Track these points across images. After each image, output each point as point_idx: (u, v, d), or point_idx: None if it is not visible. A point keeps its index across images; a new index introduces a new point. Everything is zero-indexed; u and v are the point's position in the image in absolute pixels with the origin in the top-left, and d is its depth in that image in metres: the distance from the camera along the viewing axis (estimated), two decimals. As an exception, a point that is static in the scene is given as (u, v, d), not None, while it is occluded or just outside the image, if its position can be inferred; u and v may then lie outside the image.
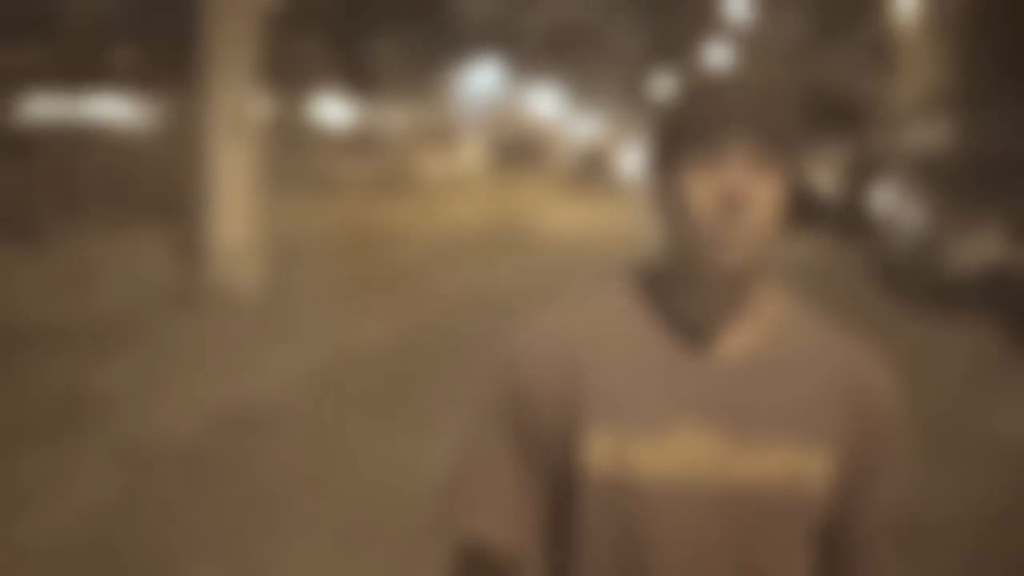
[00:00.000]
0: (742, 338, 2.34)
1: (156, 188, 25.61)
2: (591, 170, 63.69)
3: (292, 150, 32.13)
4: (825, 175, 33.79)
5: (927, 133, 40.41)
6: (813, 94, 61.74)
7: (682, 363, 2.32)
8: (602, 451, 2.29)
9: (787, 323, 2.38)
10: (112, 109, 33.96)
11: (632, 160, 69.42)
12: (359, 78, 51.77)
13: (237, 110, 17.59)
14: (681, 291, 2.33)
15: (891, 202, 21.77)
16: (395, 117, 56.03)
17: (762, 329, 2.35)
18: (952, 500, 7.99)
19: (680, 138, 2.25)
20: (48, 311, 15.44)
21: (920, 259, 18.16)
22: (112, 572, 7.06)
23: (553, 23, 69.68)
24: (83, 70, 32.37)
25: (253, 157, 17.93)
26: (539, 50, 71.07)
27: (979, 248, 16.77)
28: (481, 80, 74.00)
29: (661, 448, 2.28)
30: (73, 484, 8.74)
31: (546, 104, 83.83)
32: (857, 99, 54.56)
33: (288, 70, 26.94)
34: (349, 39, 50.06)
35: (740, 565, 2.29)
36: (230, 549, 7.45)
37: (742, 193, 2.19)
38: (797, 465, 2.29)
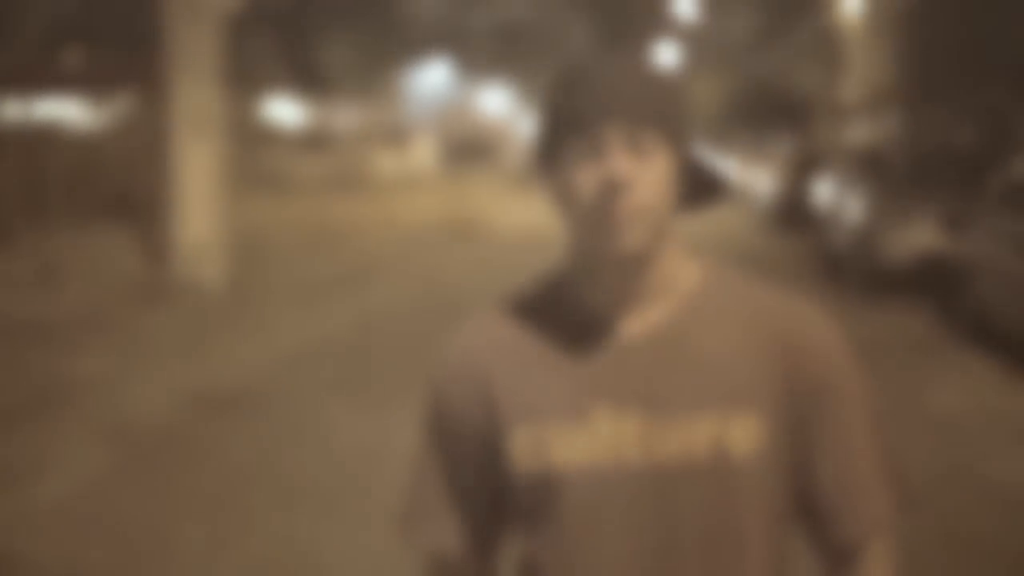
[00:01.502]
0: (651, 317, 2.35)
1: (116, 187, 26.07)
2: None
3: (248, 149, 32.56)
4: (770, 168, 34.50)
5: (869, 128, 41.20)
6: (759, 90, 62.46)
7: (590, 352, 2.34)
8: (523, 452, 2.33)
9: (703, 292, 2.38)
10: (63, 111, 34.25)
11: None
12: (310, 78, 52.13)
13: (200, 110, 18.17)
14: (583, 281, 2.36)
15: (832, 194, 22.47)
16: (347, 117, 56.44)
17: (674, 304, 2.36)
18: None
19: (559, 130, 2.29)
20: (22, 306, 16.01)
21: (859, 249, 18.85)
22: (109, 536, 7.66)
23: (502, 22, 70.12)
24: (35, 73, 32.66)
25: (216, 156, 18.50)
26: (488, 49, 71.57)
27: (915, 238, 17.48)
28: (431, 79, 74.48)
29: (579, 439, 2.30)
30: (64, 460, 9.35)
31: (496, 102, 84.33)
32: (802, 95, 55.29)
33: (241, 70, 27.42)
34: (299, 40, 50.39)
35: (682, 542, 2.29)
36: (212, 516, 8.06)
37: (621, 179, 2.20)
38: (720, 433, 2.28)
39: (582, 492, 2.29)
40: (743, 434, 2.28)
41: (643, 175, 2.22)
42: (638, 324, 2.34)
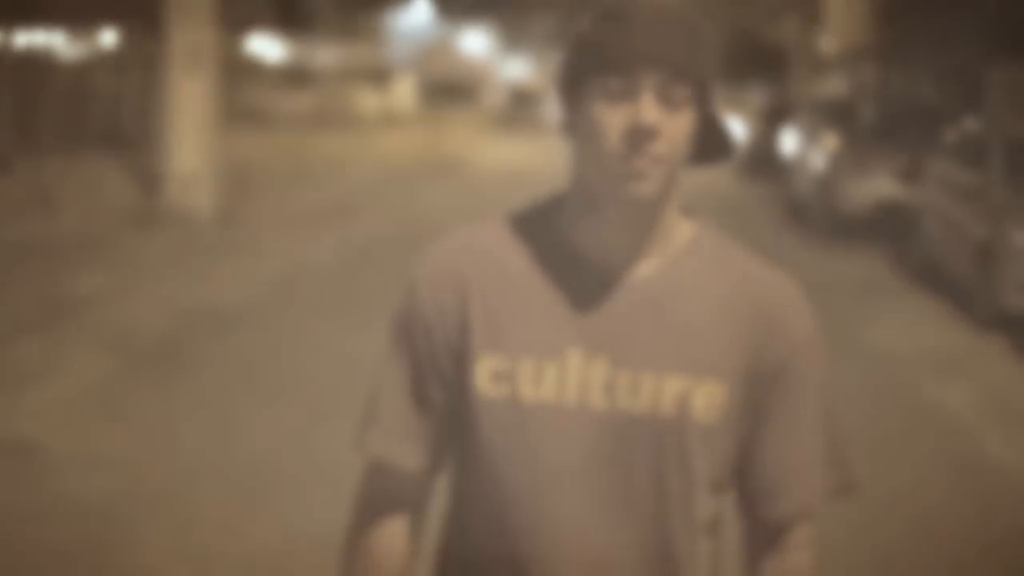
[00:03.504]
0: (642, 269, 2.33)
1: (106, 118, 26.89)
2: (520, 108, 64.52)
3: (231, 85, 33.24)
4: (745, 119, 35.30)
5: (841, 82, 41.99)
6: (738, 42, 62.94)
7: (574, 293, 2.32)
8: (490, 378, 2.32)
9: (693, 252, 2.37)
10: (45, 41, 34.76)
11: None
12: (292, 16, 52.52)
13: (195, 46, 18.91)
14: (580, 220, 2.34)
15: (799, 144, 23.31)
16: (328, 55, 56.92)
17: (664, 260, 2.34)
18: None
19: (590, 65, 2.24)
20: (22, 228, 16.83)
21: (822, 196, 19.74)
22: (121, 429, 8.52)
23: (484, -36, 70.38)
24: (17, 4, 33.13)
25: (208, 90, 19.28)
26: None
27: (873, 187, 18.40)
28: (414, 20, 74.95)
29: (548, 377, 2.30)
30: (74, 364, 10.22)
31: (476, 44, 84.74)
32: (780, 48, 55.91)
33: (225, 7, 28.19)
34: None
35: (635, 490, 2.31)
36: (214, 413, 8.92)
37: (653, 126, 2.18)
38: (685, 395, 2.29)
39: (544, 428, 2.30)
40: (707, 400, 2.30)
41: (670, 126, 2.21)
42: (627, 274, 2.33)
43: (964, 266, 13.48)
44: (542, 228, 2.37)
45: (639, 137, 2.18)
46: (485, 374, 2.32)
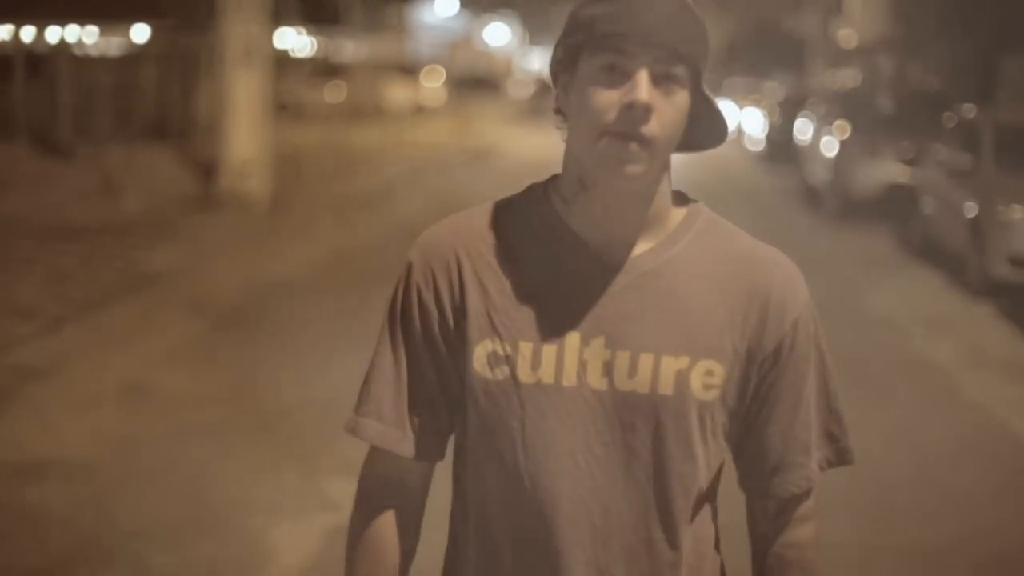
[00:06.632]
0: (638, 248, 2.30)
1: (155, 109, 28.25)
2: (544, 99, 65.16)
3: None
4: (765, 110, 36.49)
5: (856, 74, 43.15)
6: (759, 35, 64.06)
7: (570, 277, 2.30)
8: (487, 360, 2.31)
9: (685, 232, 2.34)
10: (94, 38, 35.93)
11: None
12: (320, 12, 53.50)
13: (250, 40, 20.20)
14: (580, 203, 2.30)
15: (815, 133, 24.56)
16: (355, 49, 58.03)
17: (659, 239, 2.32)
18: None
19: (587, 48, 2.22)
20: (92, 212, 18.19)
21: (834, 180, 21.04)
22: (218, 373, 9.89)
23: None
24: (72, 4, 34.19)
25: (261, 82, 20.59)
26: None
27: (881, 172, 19.74)
28: (440, 13, 76.21)
29: (546, 358, 2.28)
30: (161, 327, 11.62)
31: (499, 37, 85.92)
32: (800, 41, 57.01)
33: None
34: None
35: (635, 470, 2.30)
36: (295, 364, 10.26)
37: (647, 104, 2.15)
38: (684, 376, 2.27)
39: (544, 407, 2.29)
40: (705, 379, 2.28)
41: (664, 106, 2.18)
42: (623, 256, 2.30)
43: (958, 241, 14.82)
44: (534, 211, 2.37)
45: (633, 114, 2.15)
46: (483, 357, 2.31)
